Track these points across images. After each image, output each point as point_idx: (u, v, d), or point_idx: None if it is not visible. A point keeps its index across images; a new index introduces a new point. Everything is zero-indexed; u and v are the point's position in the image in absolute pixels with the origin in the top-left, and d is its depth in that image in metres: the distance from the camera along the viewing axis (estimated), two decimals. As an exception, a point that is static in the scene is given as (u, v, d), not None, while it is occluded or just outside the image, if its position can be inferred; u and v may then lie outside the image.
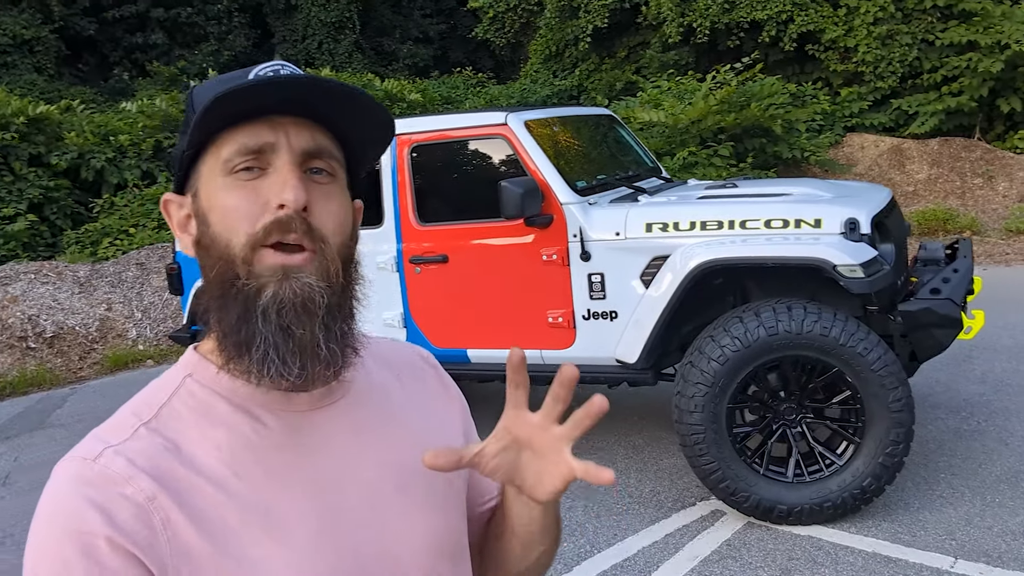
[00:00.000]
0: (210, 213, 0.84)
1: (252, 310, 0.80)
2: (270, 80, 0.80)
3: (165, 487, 0.78)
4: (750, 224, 3.67)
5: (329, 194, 0.85)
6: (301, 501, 0.83)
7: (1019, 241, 9.18)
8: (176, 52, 18.27)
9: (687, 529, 3.65)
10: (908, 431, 3.39)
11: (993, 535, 3.35)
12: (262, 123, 0.83)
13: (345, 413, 0.90)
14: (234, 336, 0.82)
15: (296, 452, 0.85)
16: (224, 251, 0.82)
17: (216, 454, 0.82)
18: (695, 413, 3.50)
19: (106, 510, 0.75)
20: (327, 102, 0.84)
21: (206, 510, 0.79)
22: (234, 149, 0.82)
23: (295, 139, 0.83)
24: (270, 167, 0.83)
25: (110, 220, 10.72)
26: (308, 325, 0.81)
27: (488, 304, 4.16)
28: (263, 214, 0.81)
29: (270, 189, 0.82)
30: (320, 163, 0.85)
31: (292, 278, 0.81)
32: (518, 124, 4.11)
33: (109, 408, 4.75)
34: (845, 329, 3.35)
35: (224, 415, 0.84)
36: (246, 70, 0.87)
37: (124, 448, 0.79)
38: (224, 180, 0.83)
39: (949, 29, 11.54)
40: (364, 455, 0.89)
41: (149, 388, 0.88)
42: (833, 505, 3.48)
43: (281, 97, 0.82)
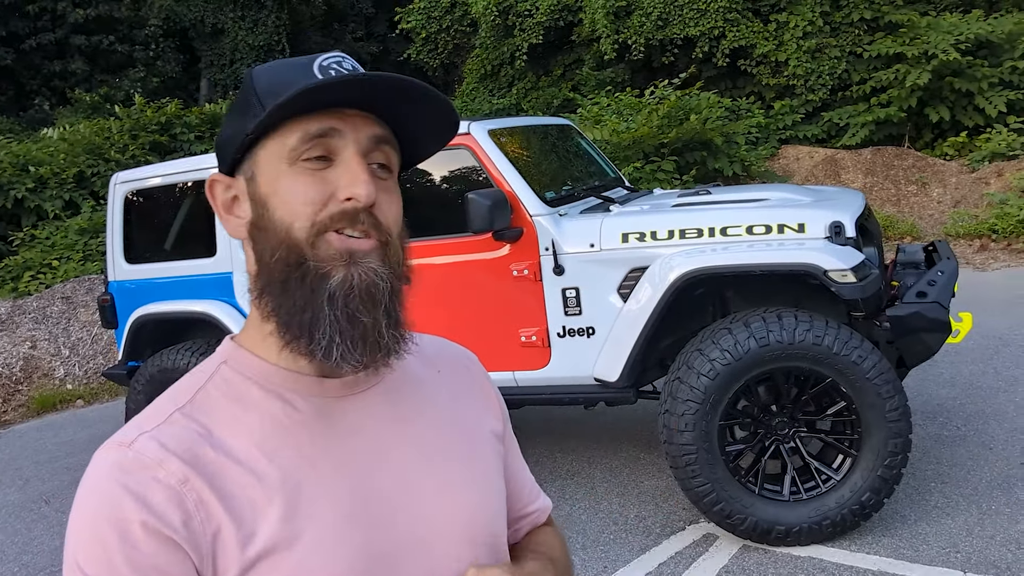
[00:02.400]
0: (271, 198, 0.84)
1: (319, 293, 0.81)
2: (349, 79, 0.81)
3: (197, 469, 0.79)
4: (731, 231, 3.51)
5: (389, 188, 0.88)
6: (332, 484, 0.83)
7: (960, 245, 9.34)
8: (98, 78, 17.58)
9: (680, 557, 3.44)
10: (906, 441, 3.25)
11: (997, 544, 3.23)
12: (330, 115, 0.83)
13: (378, 399, 0.91)
14: (298, 317, 0.82)
15: (327, 436, 0.86)
16: (285, 235, 0.83)
17: (248, 437, 0.83)
18: (686, 432, 3.31)
19: (140, 495, 0.77)
20: (399, 101, 0.85)
21: (235, 491, 0.80)
22: (302, 138, 0.83)
23: (362, 133, 0.85)
24: (337, 158, 0.84)
25: (31, 253, 10.14)
26: (373, 312, 0.82)
27: (456, 324, 3.90)
28: (329, 203, 0.83)
29: (338, 180, 0.83)
30: (382, 157, 0.87)
31: (359, 263, 0.82)
32: (482, 133, 3.89)
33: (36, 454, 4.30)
34: (838, 337, 3.21)
35: (257, 400, 0.86)
36: (308, 58, 0.87)
37: (157, 433, 0.81)
38: (289, 168, 0.84)
39: (876, 41, 11.81)
40: (396, 440, 0.90)
41: (187, 376, 0.90)
42: (832, 523, 3.32)
43: (362, 92, 0.83)
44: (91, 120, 13.75)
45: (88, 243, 10.29)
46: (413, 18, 16.61)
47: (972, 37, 10.76)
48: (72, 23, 16.92)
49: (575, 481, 4.31)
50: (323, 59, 0.87)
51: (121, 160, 11.98)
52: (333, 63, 0.87)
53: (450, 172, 4.02)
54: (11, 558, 4.31)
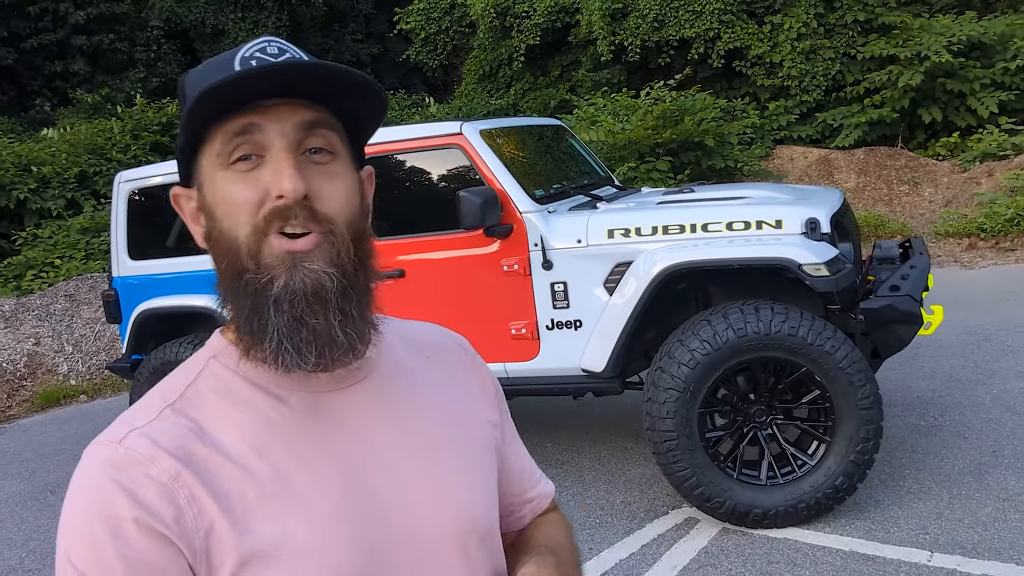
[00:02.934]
0: (215, 208, 0.83)
1: (264, 302, 0.80)
2: (250, 73, 0.79)
3: (188, 465, 0.79)
4: (712, 227, 3.66)
5: (331, 173, 0.84)
6: (323, 478, 0.83)
7: (948, 243, 9.48)
8: (99, 79, 17.72)
9: (663, 539, 3.59)
10: (878, 428, 3.40)
11: (965, 527, 3.38)
12: (252, 111, 0.81)
13: (367, 392, 0.90)
14: (247, 327, 0.82)
15: (317, 430, 0.85)
16: (232, 243, 0.82)
17: (238, 433, 0.83)
18: (667, 419, 3.45)
19: (132, 491, 0.76)
20: (313, 83, 0.82)
21: (227, 487, 0.79)
22: (223, 140, 0.81)
23: (287, 123, 0.82)
24: (266, 155, 0.82)
25: (34, 252, 10.28)
26: (322, 313, 0.80)
27: (449, 318, 4.05)
28: (263, 204, 0.81)
29: (268, 178, 0.81)
30: (318, 141, 0.84)
31: (300, 266, 0.80)
32: (473, 134, 4.04)
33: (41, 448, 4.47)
34: (812, 328, 3.36)
35: (246, 395, 0.85)
36: (233, 51, 0.85)
37: (148, 429, 0.81)
38: (223, 173, 0.82)
39: (870, 43, 11.94)
40: (387, 433, 0.89)
41: (177, 371, 0.89)
42: (808, 506, 3.46)
43: (272, 82, 0.80)
44: (92, 120, 13.90)
45: (90, 242, 10.43)
46: (412, 19, 16.74)
47: (964, 39, 10.90)
48: (73, 24, 17.05)
49: (564, 470, 4.45)
50: (246, 50, 0.84)
51: (123, 160, 12.13)
52: (256, 52, 0.84)
53: (443, 171, 4.16)
54: (19, 544, 4.46)
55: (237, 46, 0.86)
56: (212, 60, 0.87)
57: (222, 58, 0.85)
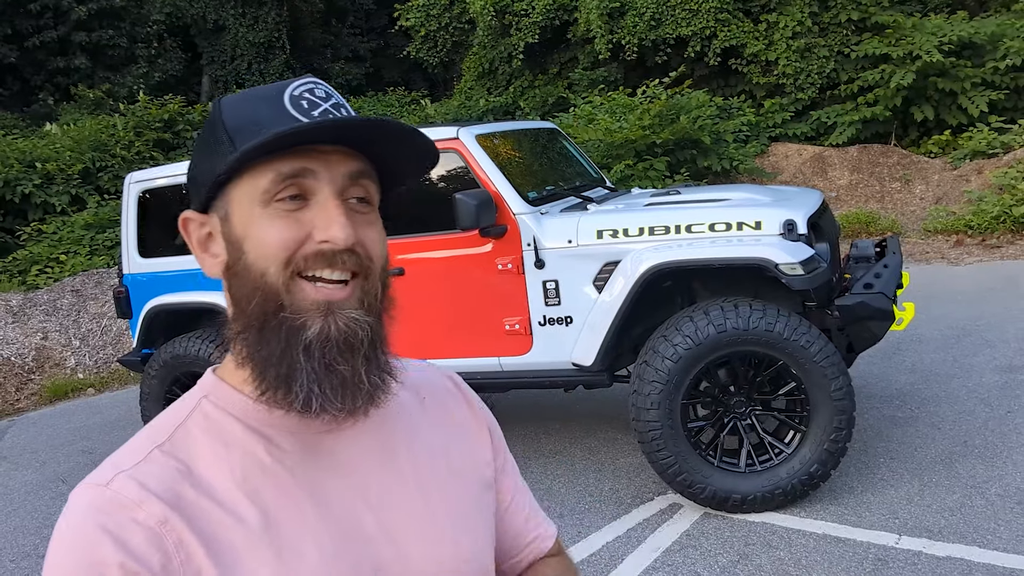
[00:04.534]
0: (245, 241, 0.82)
1: (294, 345, 0.80)
2: (328, 124, 0.80)
3: (177, 510, 0.78)
4: (695, 228, 3.85)
5: (369, 222, 0.85)
6: (314, 524, 0.82)
7: (937, 240, 9.67)
8: (100, 75, 17.89)
9: (647, 523, 3.80)
10: (850, 418, 3.60)
11: (932, 512, 3.58)
12: (303, 153, 0.81)
13: (362, 435, 0.89)
14: (274, 369, 0.81)
15: (310, 475, 0.84)
16: (260, 281, 0.81)
17: (229, 476, 0.82)
18: (651, 410, 3.65)
19: (118, 537, 0.75)
20: (375, 138, 0.84)
21: (216, 532, 0.78)
22: (274, 179, 0.81)
23: (337, 171, 0.82)
24: (312, 198, 0.82)
25: (39, 248, 10.45)
26: (351, 361, 0.81)
27: (446, 314, 4.25)
28: (304, 244, 0.81)
29: (314, 221, 0.81)
30: (360, 191, 0.85)
31: (336, 313, 0.81)
32: (469, 138, 4.23)
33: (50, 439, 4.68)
34: (788, 324, 3.55)
35: (238, 437, 0.84)
36: (279, 87, 0.85)
37: (136, 472, 0.79)
38: (263, 211, 0.82)
39: (863, 42, 12.11)
40: (382, 478, 0.88)
41: (167, 411, 0.88)
42: (784, 492, 3.67)
43: (334, 135, 0.82)
44: (94, 116, 14.06)
45: (95, 238, 10.56)
46: (412, 16, 16.87)
47: (956, 39, 11.07)
48: (75, 20, 17.19)
49: (556, 459, 4.66)
50: (294, 88, 0.84)
51: (127, 157, 12.29)
52: (304, 92, 0.84)
53: (440, 174, 4.36)
54: (32, 531, 4.66)
55: (280, 81, 0.87)
56: (255, 93, 0.86)
57: (266, 93, 0.85)
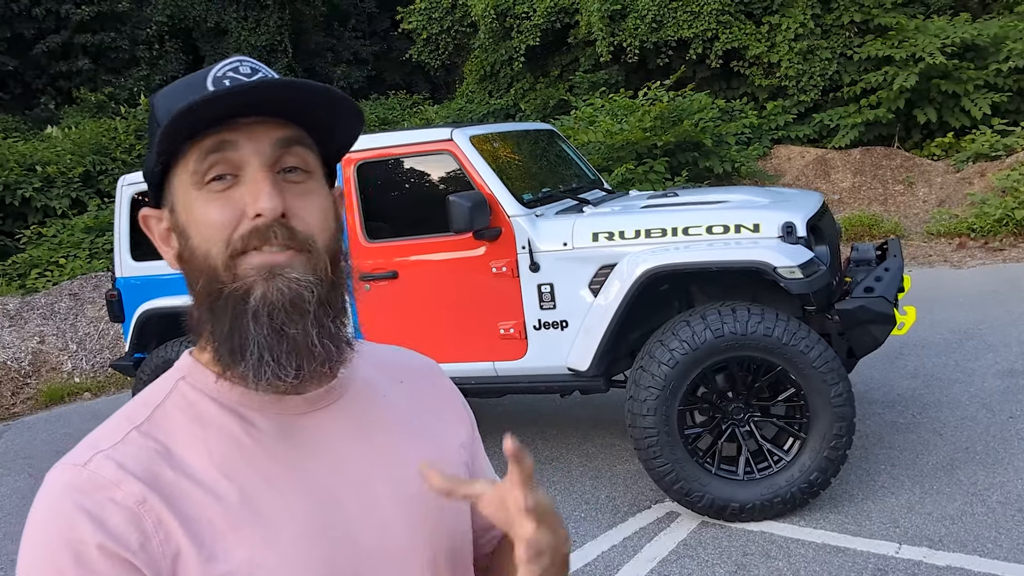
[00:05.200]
0: (188, 227, 0.83)
1: (242, 314, 0.79)
2: (226, 92, 0.78)
3: (155, 490, 0.77)
4: (692, 231, 3.79)
5: (307, 191, 0.84)
6: (293, 503, 0.82)
7: (940, 243, 9.59)
8: (103, 78, 17.87)
9: (644, 532, 3.73)
10: (850, 424, 3.53)
11: (933, 520, 3.51)
12: (227, 129, 0.80)
13: (340, 416, 0.89)
14: (227, 343, 0.81)
15: (288, 454, 0.84)
16: (204, 263, 0.81)
17: (206, 456, 0.81)
18: (648, 416, 3.59)
19: (97, 516, 0.74)
20: (289, 101, 0.81)
21: (194, 512, 0.78)
22: (198, 158, 0.80)
23: (262, 141, 0.81)
24: (242, 174, 0.81)
25: (38, 251, 10.42)
26: (300, 323, 0.80)
27: (440, 318, 4.20)
28: (240, 223, 0.80)
29: (244, 198, 0.80)
30: (293, 160, 0.83)
31: (278, 276, 0.79)
32: (463, 140, 4.17)
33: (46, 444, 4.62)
34: (787, 329, 3.49)
35: (215, 418, 0.84)
36: (204, 72, 0.85)
37: (114, 452, 0.79)
38: (197, 193, 0.81)
39: (866, 44, 12.04)
40: (359, 457, 0.88)
41: (144, 392, 0.88)
42: (783, 500, 3.60)
43: (247, 101, 0.80)
44: (97, 119, 14.04)
45: (95, 241, 10.54)
46: (414, 19, 16.83)
47: (958, 40, 11.00)
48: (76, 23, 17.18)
49: (553, 466, 4.59)
50: (217, 70, 0.84)
51: (127, 160, 12.27)
52: (228, 71, 0.84)
53: (434, 175, 4.30)
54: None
55: (207, 67, 0.86)
56: (182, 81, 0.86)
57: (193, 79, 0.85)
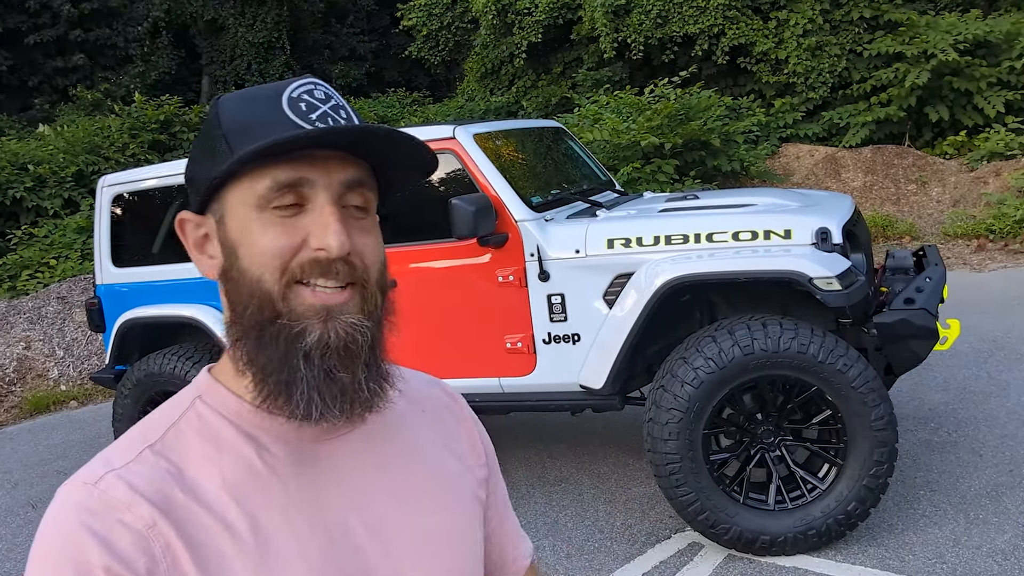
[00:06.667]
0: (240, 247, 0.81)
1: (294, 353, 0.78)
2: (323, 132, 0.78)
3: (165, 513, 0.76)
4: (717, 237, 3.48)
5: (366, 229, 0.84)
6: (304, 534, 0.80)
7: (957, 245, 9.29)
8: (99, 75, 17.56)
9: (665, 566, 3.42)
10: (892, 450, 3.22)
11: (983, 555, 3.20)
12: (301, 160, 0.79)
13: (357, 445, 0.87)
14: (275, 376, 0.79)
15: (302, 483, 0.82)
16: (256, 287, 0.80)
17: (219, 481, 0.80)
18: (670, 441, 3.28)
19: (105, 538, 0.73)
20: (374, 145, 0.82)
21: (203, 539, 0.76)
22: (271, 187, 0.79)
23: (335, 178, 0.81)
24: (308, 204, 0.80)
25: (30, 251, 10.14)
26: (351, 367, 0.80)
27: (442, 330, 3.88)
28: (300, 252, 0.79)
29: (309, 227, 0.80)
30: (357, 199, 0.83)
31: (335, 318, 0.79)
32: (467, 138, 3.86)
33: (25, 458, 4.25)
34: (824, 346, 3.18)
35: (231, 441, 0.82)
36: (276, 89, 0.83)
37: (126, 472, 0.78)
38: (259, 215, 0.80)
39: (876, 40, 11.74)
40: (374, 489, 0.87)
41: (160, 409, 0.86)
42: (818, 532, 3.29)
43: (332, 142, 0.80)
44: (93, 118, 13.73)
45: (87, 242, 10.29)
46: (414, 15, 16.57)
47: (971, 37, 10.71)
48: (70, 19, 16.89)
49: (563, 488, 4.28)
50: (292, 90, 0.82)
51: (120, 159, 11.98)
52: (303, 94, 0.82)
53: (435, 177, 3.99)
54: (-3, 561, 4.30)
55: (279, 82, 0.84)
56: (252, 94, 0.84)
57: (265, 94, 0.83)
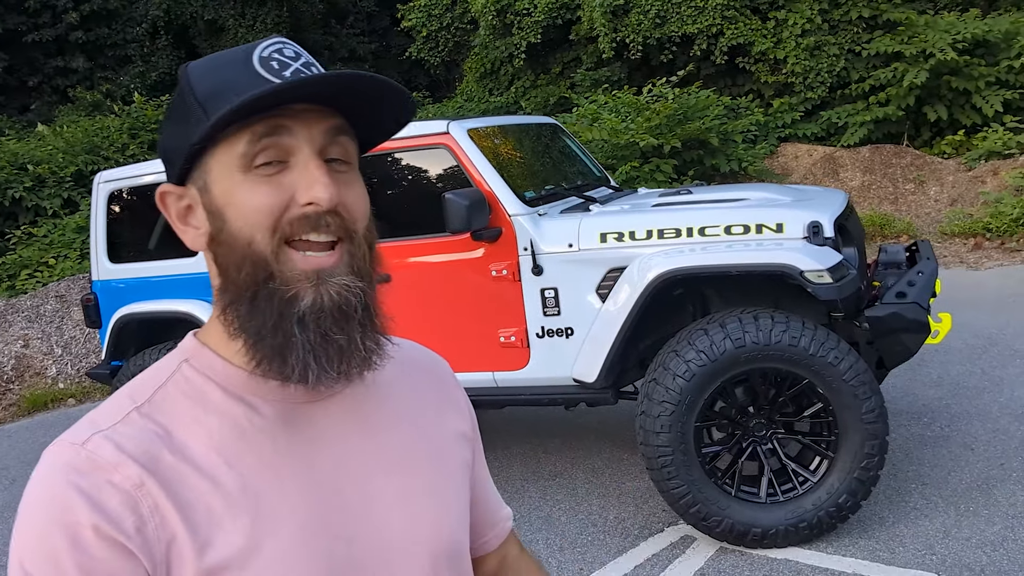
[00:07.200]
0: (227, 209, 0.80)
1: (288, 317, 0.78)
2: (299, 83, 0.77)
3: (153, 473, 0.76)
4: (709, 231, 3.49)
5: (349, 182, 0.83)
6: (292, 492, 0.80)
7: (954, 243, 9.30)
8: (98, 75, 17.58)
9: (657, 559, 3.43)
10: (883, 443, 3.24)
11: (972, 547, 3.21)
12: (279, 114, 0.79)
13: (344, 405, 0.87)
14: (269, 340, 0.79)
15: (290, 443, 0.83)
16: (248, 249, 0.79)
17: (207, 441, 0.80)
18: (662, 434, 3.29)
19: (93, 497, 0.73)
20: (341, 92, 0.80)
21: (192, 498, 0.76)
22: (250, 140, 0.78)
23: (316, 129, 0.80)
24: (291, 159, 0.80)
25: (29, 251, 10.16)
26: (347, 328, 0.79)
27: (436, 324, 3.89)
28: (288, 209, 0.79)
29: (296, 183, 0.79)
30: (338, 151, 0.83)
31: (327, 281, 0.79)
32: (461, 133, 3.88)
33: (23, 455, 4.27)
34: (815, 338, 3.19)
35: (218, 402, 0.82)
36: (246, 51, 0.82)
37: (113, 433, 0.78)
38: (243, 176, 0.79)
39: (875, 40, 11.75)
40: (361, 448, 0.87)
41: (147, 371, 0.86)
42: (809, 525, 3.30)
43: (308, 93, 0.79)
44: (93, 118, 13.75)
45: (86, 241, 10.29)
46: (414, 16, 16.58)
47: (969, 37, 10.71)
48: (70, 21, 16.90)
49: (557, 482, 4.29)
50: (262, 49, 0.81)
51: (120, 159, 12.00)
52: (273, 52, 0.81)
53: (430, 172, 4.00)
54: (-7, 558, 4.31)
55: (246, 44, 0.83)
56: (222, 57, 0.83)
57: (235, 56, 0.82)
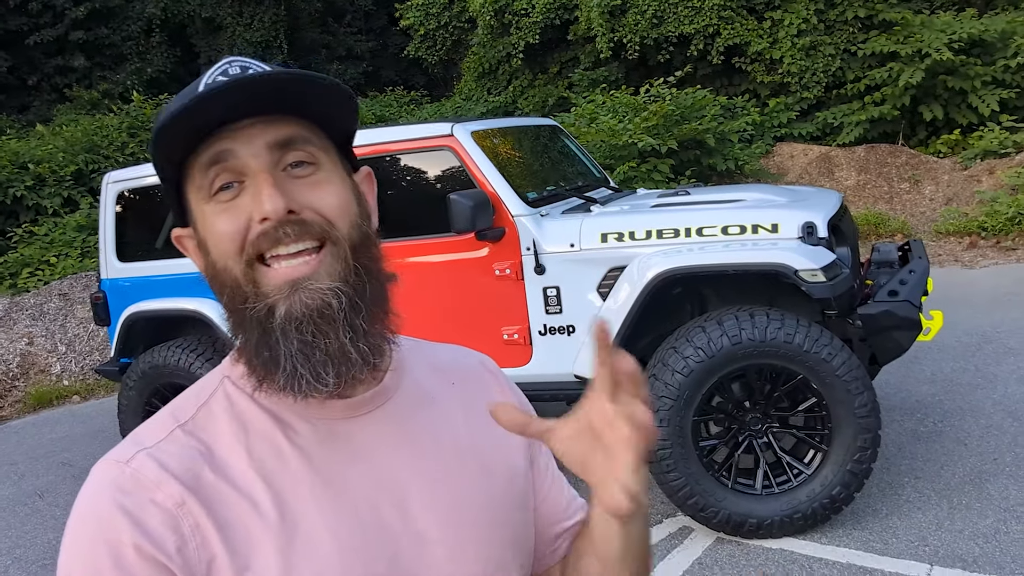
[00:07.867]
0: (207, 242, 0.82)
1: (270, 331, 0.78)
2: (202, 97, 0.75)
3: (195, 492, 0.77)
4: (707, 231, 3.59)
5: (316, 182, 0.81)
6: (332, 514, 0.79)
7: (949, 242, 9.40)
8: (98, 74, 17.63)
9: (656, 549, 3.52)
10: (875, 436, 3.33)
11: (965, 539, 3.31)
12: (222, 136, 0.78)
13: (385, 421, 0.86)
14: (259, 358, 0.80)
15: (329, 462, 0.82)
16: (225, 275, 0.80)
17: (247, 461, 0.80)
18: (660, 428, 3.39)
19: (135, 516, 0.74)
20: (273, 96, 0.78)
21: (232, 518, 0.77)
22: (203, 174, 0.79)
23: (256, 144, 0.78)
24: (246, 179, 0.79)
25: (30, 250, 10.22)
26: (331, 333, 0.78)
27: (441, 322, 3.98)
28: (250, 229, 0.78)
29: (250, 204, 0.78)
30: (296, 155, 0.80)
31: (304, 289, 0.78)
32: (464, 135, 3.96)
33: (30, 450, 4.36)
34: (809, 335, 3.29)
35: (258, 421, 0.82)
36: (197, 80, 0.80)
37: (157, 451, 0.79)
38: (209, 206, 0.80)
39: (870, 40, 11.85)
40: (403, 467, 0.84)
41: (190, 389, 0.87)
42: (803, 516, 3.40)
43: (228, 104, 0.76)
44: (92, 117, 13.81)
45: (87, 240, 10.37)
46: (412, 15, 16.64)
47: (965, 36, 10.81)
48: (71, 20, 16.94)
49: (558, 476, 4.39)
50: (208, 76, 0.80)
51: (120, 158, 12.06)
52: (218, 76, 0.79)
53: (433, 173, 4.09)
54: (4, 551, 4.40)
55: (204, 72, 0.82)
56: (179, 94, 0.81)
57: (187, 89, 0.81)
